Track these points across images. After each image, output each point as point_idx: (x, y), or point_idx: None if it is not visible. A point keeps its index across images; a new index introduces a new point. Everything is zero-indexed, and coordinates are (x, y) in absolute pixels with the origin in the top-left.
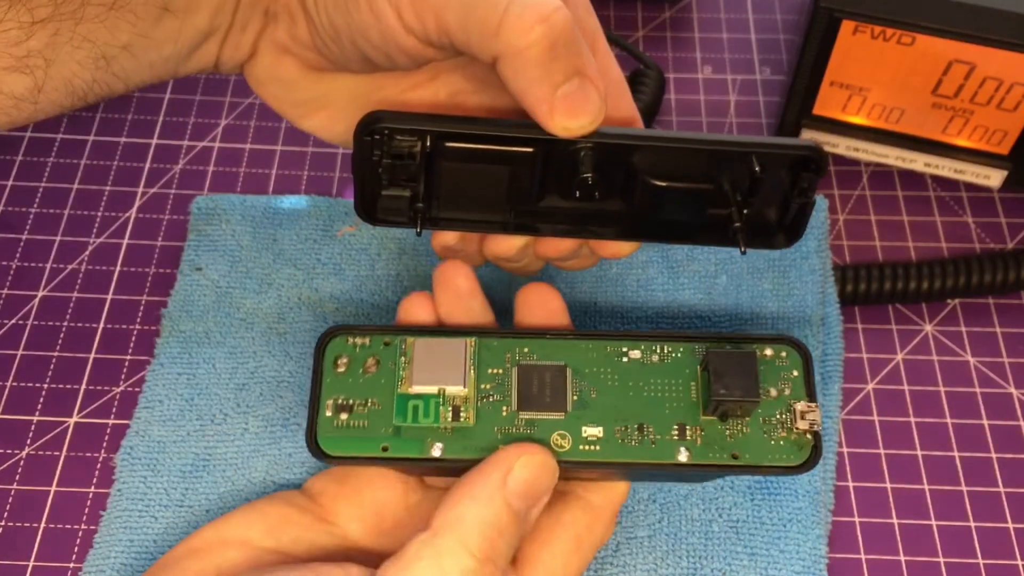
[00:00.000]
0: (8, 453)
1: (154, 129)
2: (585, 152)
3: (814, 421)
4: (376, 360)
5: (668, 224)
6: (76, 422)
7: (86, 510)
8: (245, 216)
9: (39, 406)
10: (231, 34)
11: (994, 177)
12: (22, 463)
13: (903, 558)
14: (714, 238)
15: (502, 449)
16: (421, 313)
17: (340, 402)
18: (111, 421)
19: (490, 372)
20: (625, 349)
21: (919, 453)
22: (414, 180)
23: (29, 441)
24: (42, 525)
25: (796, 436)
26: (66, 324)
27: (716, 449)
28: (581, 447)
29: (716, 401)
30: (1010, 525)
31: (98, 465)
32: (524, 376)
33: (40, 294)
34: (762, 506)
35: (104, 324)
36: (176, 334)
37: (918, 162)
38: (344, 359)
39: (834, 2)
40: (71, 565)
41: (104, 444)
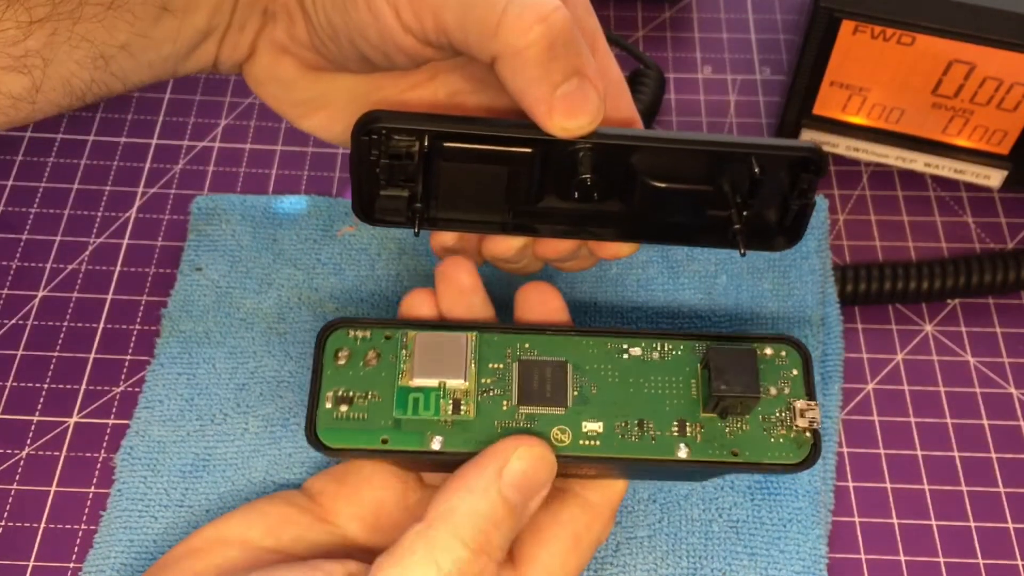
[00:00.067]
0: (8, 453)
1: (154, 129)
2: (584, 153)
3: (814, 419)
4: (377, 353)
5: (667, 225)
6: (76, 422)
7: (86, 510)
8: (245, 216)
9: (39, 406)
10: (229, 34)
11: (994, 177)
12: (22, 463)
13: (903, 558)
14: (714, 240)
15: (499, 442)
16: (423, 308)
17: (340, 394)
18: (111, 421)
19: (491, 367)
20: (626, 346)
21: (919, 453)
22: (412, 180)
23: (29, 441)
24: (42, 525)
25: (796, 434)
26: (66, 324)
27: (716, 446)
28: (581, 442)
29: (716, 397)
30: (1010, 525)
31: (98, 465)
32: (525, 371)
33: (40, 294)
34: (762, 506)
35: (104, 324)
36: (176, 334)
37: (918, 162)
38: (345, 352)
39: (834, 2)
40: (71, 565)
41: (104, 444)
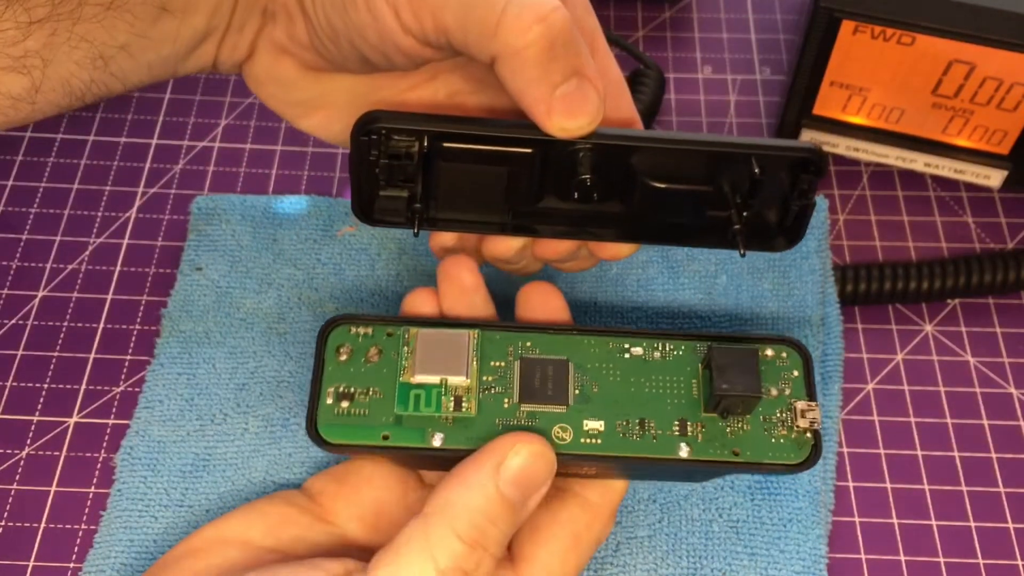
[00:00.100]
0: (8, 453)
1: (154, 129)
2: (584, 153)
3: (814, 420)
4: (379, 350)
5: (667, 226)
6: (76, 422)
7: (86, 510)
8: (245, 216)
9: (39, 406)
10: (229, 34)
11: (994, 177)
12: (22, 463)
13: (903, 558)
14: (714, 240)
15: (498, 438)
16: (425, 307)
17: (341, 390)
18: (111, 421)
19: (492, 364)
20: (627, 346)
21: (919, 453)
22: (411, 181)
23: (29, 441)
24: (42, 525)
25: (796, 434)
26: (66, 324)
27: (717, 446)
28: (582, 440)
29: (719, 396)
30: (1010, 525)
31: (98, 465)
32: (526, 369)
33: (40, 294)
34: (762, 506)
35: (104, 324)
36: (176, 334)
37: (918, 162)
38: (346, 348)
39: (834, 2)
40: (71, 565)
41: (104, 444)
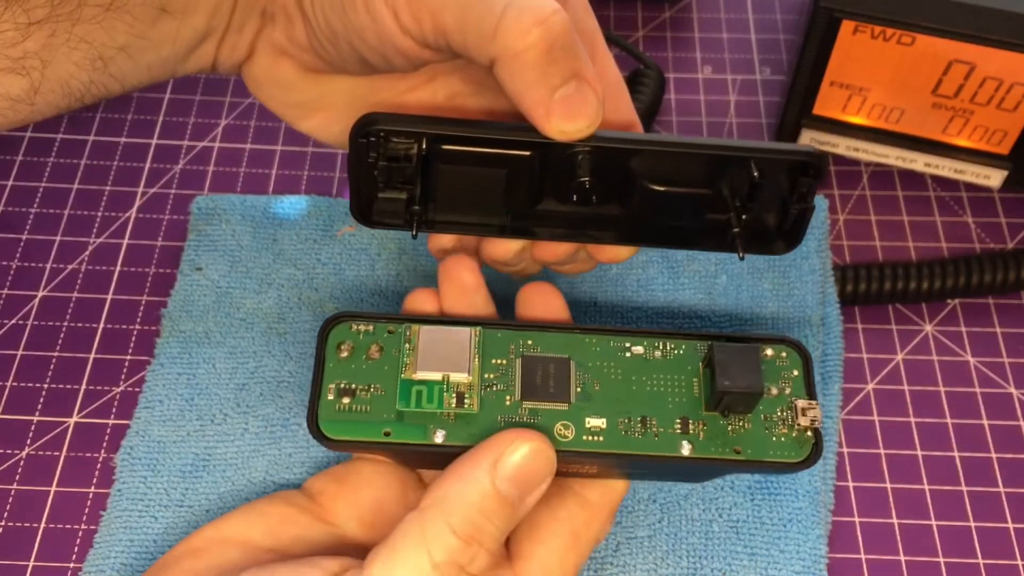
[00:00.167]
0: (8, 453)
1: (154, 129)
2: (583, 156)
3: (815, 418)
4: (380, 347)
5: (666, 229)
6: (76, 422)
7: (86, 510)
8: (245, 216)
9: (39, 406)
10: (228, 35)
11: (994, 177)
12: (22, 463)
13: (903, 558)
14: (713, 243)
15: (497, 434)
16: (425, 307)
17: (343, 386)
18: (111, 421)
19: (494, 362)
20: (628, 344)
21: (919, 453)
22: (410, 183)
23: (29, 441)
24: (42, 525)
25: (797, 433)
26: (66, 324)
27: (718, 444)
28: (584, 437)
29: (720, 393)
30: (1010, 525)
31: (98, 465)
32: (528, 367)
33: (40, 294)
34: (762, 506)
35: (104, 324)
36: (176, 334)
37: (918, 162)
38: (347, 345)
39: (834, 2)
40: (71, 565)
41: (104, 444)
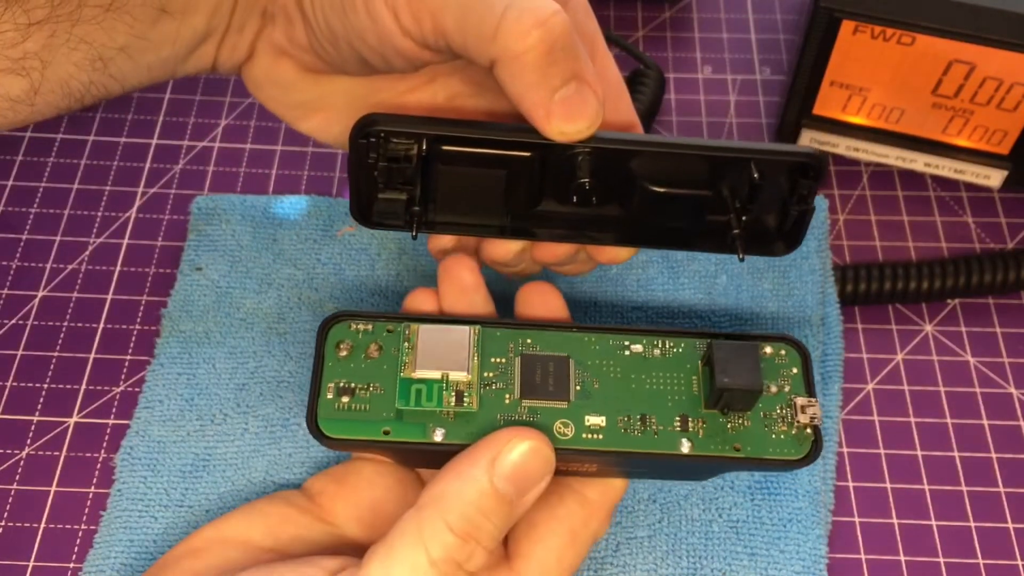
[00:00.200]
0: (8, 453)
1: (154, 129)
2: (583, 157)
3: (814, 415)
4: (379, 346)
5: (666, 230)
6: (76, 422)
7: (86, 510)
8: (245, 216)
9: (39, 406)
10: (228, 36)
11: (994, 177)
12: (22, 463)
13: (903, 558)
14: (713, 244)
15: (495, 432)
16: (425, 307)
17: (342, 385)
18: (111, 421)
19: (493, 361)
20: (627, 343)
21: (919, 453)
22: (410, 183)
23: (29, 441)
24: (42, 525)
25: (797, 430)
26: (66, 324)
27: (718, 441)
28: (584, 435)
29: (720, 390)
30: (1010, 525)
31: (98, 465)
32: (527, 365)
33: (40, 294)
34: (762, 506)
35: (104, 324)
36: (176, 334)
37: (918, 162)
38: (346, 344)
39: (834, 2)
40: (71, 565)
41: (104, 444)
